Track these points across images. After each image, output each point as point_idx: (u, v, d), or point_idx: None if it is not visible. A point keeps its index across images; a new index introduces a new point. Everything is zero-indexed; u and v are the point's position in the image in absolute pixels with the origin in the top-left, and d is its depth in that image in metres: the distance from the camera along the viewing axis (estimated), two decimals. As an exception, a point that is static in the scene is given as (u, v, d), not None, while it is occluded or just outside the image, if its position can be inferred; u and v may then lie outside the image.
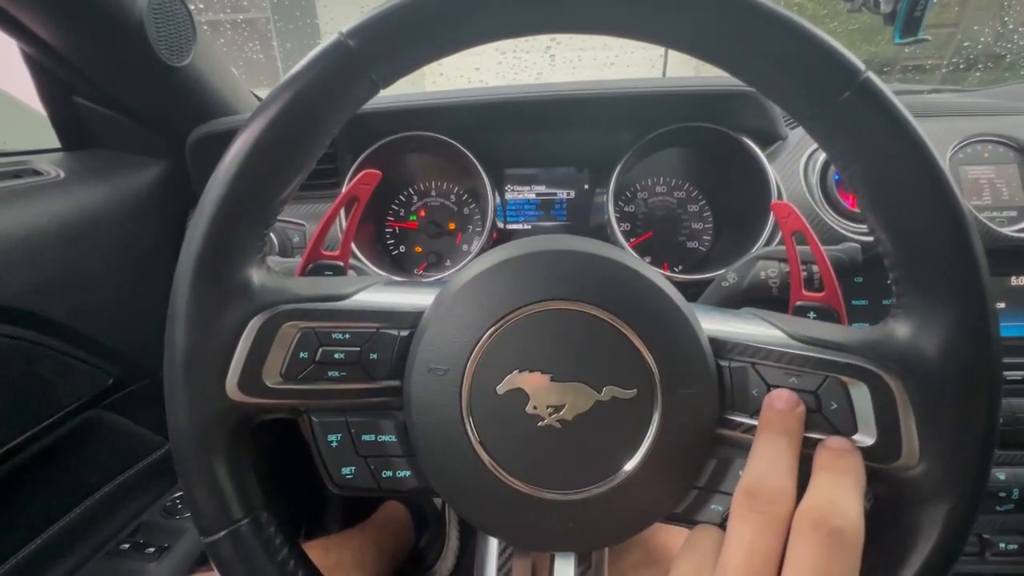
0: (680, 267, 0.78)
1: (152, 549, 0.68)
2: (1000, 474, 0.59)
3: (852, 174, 0.29)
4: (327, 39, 0.30)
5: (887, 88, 0.27)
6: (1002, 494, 0.59)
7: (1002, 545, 0.61)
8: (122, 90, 0.68)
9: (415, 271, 0.81)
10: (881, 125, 0.27)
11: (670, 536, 0.56)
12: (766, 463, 0.28)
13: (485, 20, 0.29)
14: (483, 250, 0.73)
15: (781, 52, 0.28)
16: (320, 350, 0.33)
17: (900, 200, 0.28)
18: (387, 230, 0.82)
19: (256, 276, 0.33)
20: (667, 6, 0.28)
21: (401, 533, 0.94)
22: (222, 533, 0.32)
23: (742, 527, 0.27)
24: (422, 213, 0.82)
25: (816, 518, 0.26)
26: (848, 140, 0.28)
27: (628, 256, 0.33)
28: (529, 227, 0.81)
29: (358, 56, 0.29)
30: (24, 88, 0.69)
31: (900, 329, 0.29)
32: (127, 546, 0.70)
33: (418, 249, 0.82)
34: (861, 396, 0.29)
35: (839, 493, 0.26)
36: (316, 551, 0.64)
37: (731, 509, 0.28)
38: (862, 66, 0.27)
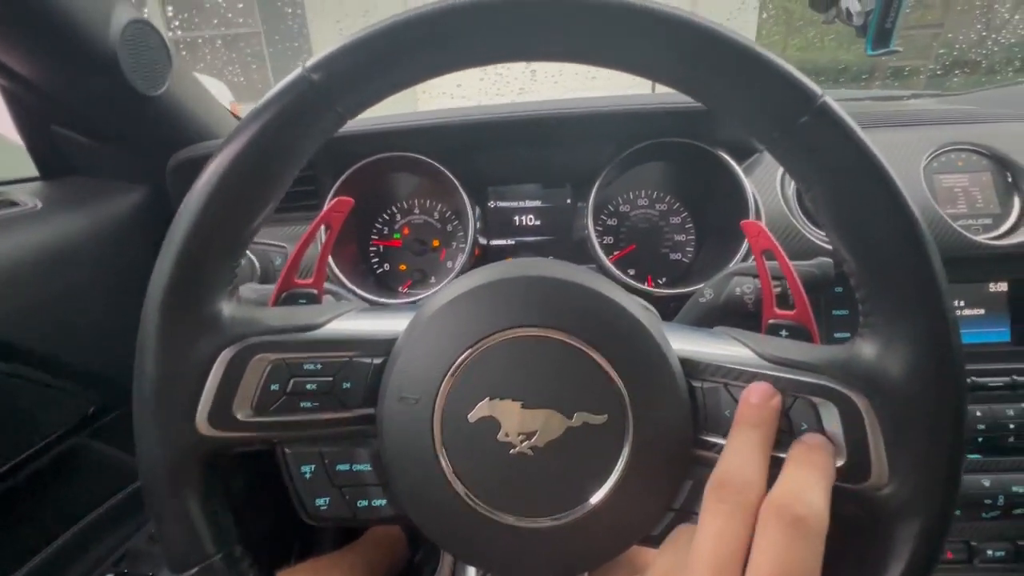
0: (664, 279, 0.78)
1: (137, 577, 0.68)
2: (985, 480, 0.59)
3: (814, 196, 0.29)
4: (291, 73, 0.30)
5: (844, 112, 0.27)
6: (987, 501, 0.59)
7: (990, 552, 0.61)
8: (99, 119, 0.68)
9: (400, 289, 0.81)
10: (839, 149, 0.27)
11: (652, 552, 0.56)
12: (736, 456, 0.29)
13: (443, 52, 0.29)
14: (465, 268, 0.73)
15: (739, 78, 0.28)
16: (292, 381, 0.33)
17: (860, 221, 0.28)
18: (371, 248, 0.82)
19: (226, 308, 0.33)
20: (624, 33, 0.28)
21: (395, 550, 0.92)
22: (194, 570, 0.31)
23: (711, 518, 0.28)
24: (406, 231, 0.82)
25: (780, 506, 0.26)
26: (808, 163, 0.29)
27: (597, 280, 0.33)
28: (512, 243, 0.81)
29: (321, 90, 0.29)
30: (-1, 117, 0.69)
31: (866, 348, 0.29)
32: (112, 575, 0.69)
33: (403, 267, 0.82)
34: (830, 416, 0.29)
35: (805, 484, 0.27)
36: (304, 576, 0.63)
37: (702, 502, 0.29)
38: (819, 91, 0.27)
